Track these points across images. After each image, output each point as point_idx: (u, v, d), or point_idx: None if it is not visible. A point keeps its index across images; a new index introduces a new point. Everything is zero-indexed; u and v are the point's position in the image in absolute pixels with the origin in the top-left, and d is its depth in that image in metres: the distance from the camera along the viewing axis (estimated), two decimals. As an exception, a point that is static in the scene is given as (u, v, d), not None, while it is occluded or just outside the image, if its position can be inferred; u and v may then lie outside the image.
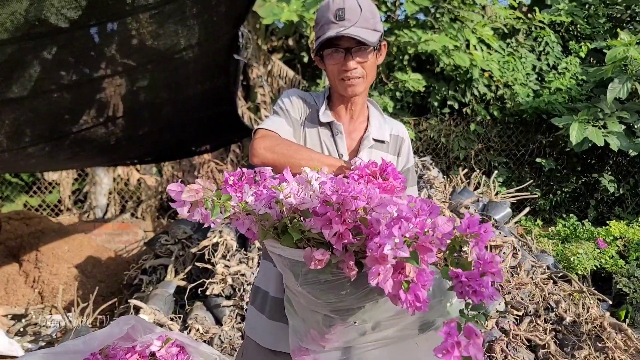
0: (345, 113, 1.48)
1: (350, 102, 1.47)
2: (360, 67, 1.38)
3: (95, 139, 3.71)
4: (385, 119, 1.54)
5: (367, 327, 1.03)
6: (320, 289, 0.96)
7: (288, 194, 0.92)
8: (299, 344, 1.11)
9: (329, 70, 1.42)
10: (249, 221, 0.96)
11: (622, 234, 5.08)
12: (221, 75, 3.76)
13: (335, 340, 1.05)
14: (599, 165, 6.66)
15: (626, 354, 3.21)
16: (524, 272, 3.60)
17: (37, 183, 6.53)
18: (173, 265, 3.97)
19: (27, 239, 5.36)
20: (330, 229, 0.86)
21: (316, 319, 1.04)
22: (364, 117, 1.51)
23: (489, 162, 6.80)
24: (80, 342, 0.95)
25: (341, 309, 0.99)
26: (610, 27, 7.36)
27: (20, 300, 4.81)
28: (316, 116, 1.46)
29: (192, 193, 0.92)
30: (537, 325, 3.27)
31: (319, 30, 1.38)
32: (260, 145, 1.28)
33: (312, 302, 1.01)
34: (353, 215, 0.87)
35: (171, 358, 1.05)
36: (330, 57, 1.38)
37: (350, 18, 1.32)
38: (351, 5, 1.33)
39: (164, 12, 2.66)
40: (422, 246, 0.82)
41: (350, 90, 1.41)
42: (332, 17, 1.33)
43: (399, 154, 1.53)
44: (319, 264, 0.88)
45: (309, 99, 1.50)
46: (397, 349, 1.07)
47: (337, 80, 1.41)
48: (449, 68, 6.43)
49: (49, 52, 2.56)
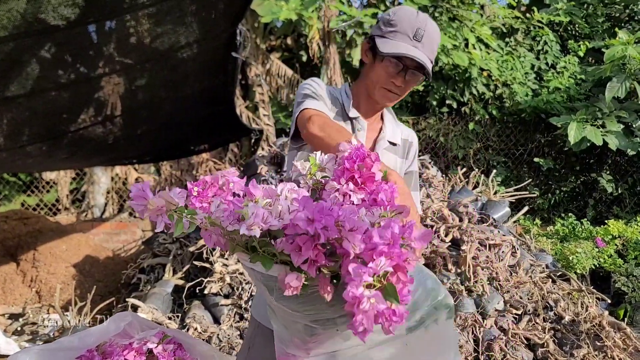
0: (366, 111, 1.51)
1: (376, 107, 1.50)
2: (405, 86, 1.41)
3: (93, 138, 3.70)
4: (397, 124, 1.58)
5: (351, 333, 1.00)
6: (297, 302, 0.93)
7: (251, 225, 0.82)
8: (284, 350, 1.09)
9: (377, 74, 1.41)
10: (217, 235, 0.89)
11: (621, 233, 5.08)
12: (219, 74, 3.75)
13: (320, 347, 1.02)
14: (597, 165, 6.66)
15: (625, 352, 3.21)
16: (523, 271, 3.60)
17: (34, 182, 6.52)
18: (171, 264, 3.96)
19: (25, 238, 5.34)
20: (300, 256, 0.80)
21: (297, 328, 1.00)
22: (379, 118, 1.55)
23: (488, 161, 6.80)
24: (75, 339, 0.94)
25: (322, 319, 0.96)
26: (608, 26, 7.37)
27: (17, 299, 4.80)
28: (342, 109, 1.48)
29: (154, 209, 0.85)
30: (536, 324, 3.27)
31: (389, 33, 1.37)
32: (315, 122, 1.29)
33: (290, 314, 0.98)
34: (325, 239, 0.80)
35: (168, 355, 1.05)
36: (388, 64, 1.38)
37: (425, 42, 1.35)
38: (430, 31, 1.36)
39: (162, 10, 2.66)
40: (399, 266, 0.77)
41: (386, 101, 1.44)
42: (410, 32, 1.35)
43: (406, 157, 1.56)
44: (294, 291, 0.82)
45: (332, 91, 1.52)
46: (385, 350, 1.05)
47: (379, 86, 1.42)
48: (448, 67, 6.43)
49: (46, 51, 2.55)
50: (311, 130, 1.28)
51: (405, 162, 1.56)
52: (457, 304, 3.18)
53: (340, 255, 0.81)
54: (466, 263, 3.36)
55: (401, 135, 1.56)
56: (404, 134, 1.57)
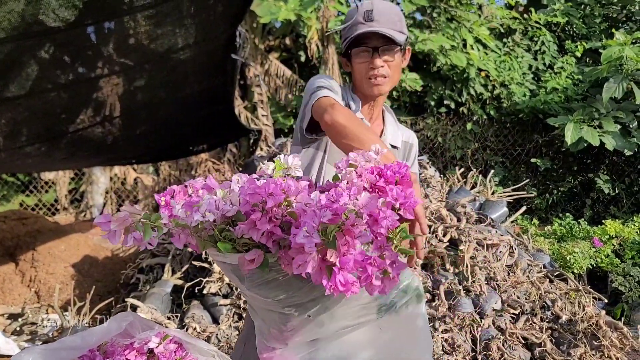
0: (367, 113, 1.52)
1: (373, 102, 1.50)
2: (387, 66, 1.42)
3: (92, 139, 3.70)
4: (398, 126, 1.59)
5: (323, 318, 1.03)
6: (268, 288, 0.97)
7: (204, 212, 0.89)
8: (264, 344, 1.12)
9: (356, 69, 1.45)
10: (185, 235, 0.94)
11: (618, 233, 5.10)
12: (218, 75, 3.76)
13: (296, 336, 1.05)
14: (594, 165, 6.68)
15: (622, 352, 3.23)
16: (521, 271, 3.61)
17: (33, 182, 6.52)
18: (170, 264, 3.97)
19: (24, 238, 5.35)
20: (257, 231, 0.86)
21: (273, 318, 1.05)
22: (380, 121, 1.56)
23: (486, 161, 6.82)
24: (78, 338, 0.96)
25: (293, 305, 1.00)
26: (606, 27, 7.40)
27: (16, 299, 4.80)
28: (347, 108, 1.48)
29: (120, 222, 0.90)
30: (533, 323, 3.28)
31: (347, 31, 1.42)
32: (339, 112, 1.26)
33: (263, 302, 1.02)
34: (280, 211, 0.87)
35: (169, 355, 1.06)
36: (358, 56, 1.42)
37: (378, 19, 1.37)
38: (379, 8, 1.39)
39: (161, 11, 2.67)
40: (348, 229, 0.82)
41: (376, 90, 1.44)
42: (360, 18, 1.38)
43: (407, 159, 1.58)
44: (251, 265, 0.87)
45: (341, 90, 1.53)
46: (362, 335, 1.07)
47: (364, 79, 1.44)
48: (446, 67, 6.45)
49: (46, 51, 2.56)
50: (336, 118, 1.24)
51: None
52: (455, 303, 3.20)
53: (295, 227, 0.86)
54: (464, 263, 3.37)
55: (402, 138, 1.57)
56: (405, 136, 1.58)
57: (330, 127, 1.26)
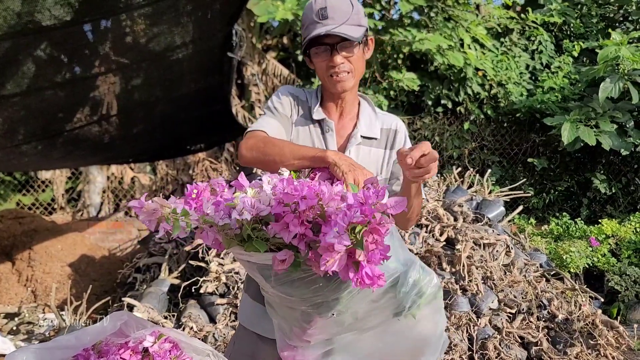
0: (336, 110, 1.51)
1: (340, 99, 1.49)
2: (347, 62, 1.41)
3: (89, 138, 3.69)
4: (377, 115, 1.55)
5: (345, 318, 1.05)
6: (294, 286, 0.98)
7: (241, 210, 0.92)
8: (285, 342, 1.12)
9: (318, 68, 1.45)
10: (213, 232, 0.96)
11: (614, 233, 5.12)
12: (215, 74, 3.76)
13: (318, 335, 1.07)
14: (591, 165, 6.70)
15: (618, 351, 3.24)
16: (517, 270, 3.62)
17: (30, 182, 6.50)
18: (167, 263, 3.97)
19: (20, 237, 5.34)
20: (289, 232, 0.88)
21: (295, 317, 1.06)
22: (354, 114, 1.53)
23: (483, 160, 6.83)
24: (72, 337, 0.95)
25: (317, 303, 1.01)
26: (602, 26, 7.41)
27: (13, 298, 4.79)
28: (309, 113, 1.50)
29: (149, 214, 0.92)
30: (529, 322, 3.29)
31: (304, 31, 1.42)
32: (243, 146, 1.36)
33: (287, 301, 1.03)
34: (311, 213, 0.89)
35: (164, 354, 1.06)
36: (317, 55, 1.42)
37: (332, 16, 1.36)
38: (333, 4, 1.37)
39: (157, 9, 2.66)
40: (374, 228, 0.86)
41: (340, 86, 1.44)
42: (315, 17, 1.38)
43: (392, 147, 1.53)
44: (282, 265, 0.90)
45: (302, 96, 1.53)
46: (377, 333, 1.10)
47: (326, 77, 1.44)
48: (443, 67, 6.45)
49: (42, 50, 2.56)
50: (240, 151, 1.36)
51: (392, 152, 1.53)
52: (452, 303, 3.20)
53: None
54: (461, 262, 3.38)
55: (381, 126, 1.53)
56: (386, 124, 1.54)
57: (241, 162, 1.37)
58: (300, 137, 1.48)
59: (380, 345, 1.11)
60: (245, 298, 1.52)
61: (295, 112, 1.50)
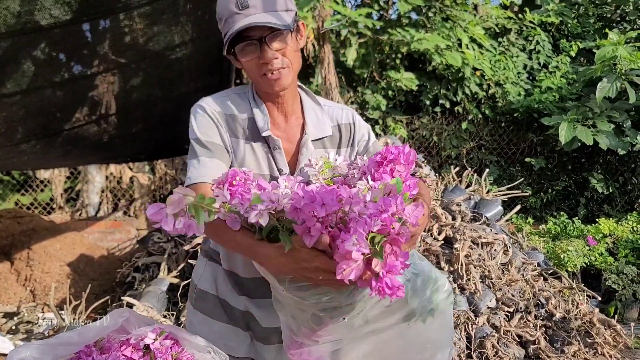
0: (278, 112, 1.31)
1: (279, 99, 1.29)
2: (281, 56, 1.20)
3: (87, 137, 3.70)
4: (322, 109, 1.35)
5: (356, 321, 1.04)
6: (307, 290, 0.97)
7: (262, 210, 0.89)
8: (293, 338, 1.12)
9: (247, 68, 1.23)
10: (237, 222, 0.94)
11: (612, 232, 5.14)
12: (214, 73, 3.76)
13: (327, 336, 1.07)
14: (588, 164, 6.72)
15: (615, 349, 3.26)
16: (515, 269, 3.64)
17: (29, 181, 6.50)
18: (166, 262, 3.98)
19: (19, 237, 5.33)
20: (311, 237, 0.86)
21: (305, 318, 1.05)
22: (299, 113, 1.33)
23: (481, 160, 6.84)
24: (75, 334, 0.96)
25: (330, 307, 0.99)
26: (600, 26, 7.43)
27: (12, 298, 4.79)
28: (250, 126, 1.28)
29: (175, 204, 0.87)
30: (527, 321, 3.31)
31: (224, 25, 1.20)
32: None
33: (298, 304, 1.02)
34: (333, 218, 0.87)
35: (165, 350, 1.06)
36: (244, 52, 1.20)
37: (254, 4, 1.16)
38: None
39: (156, 9, 2.67)
40: (394, 239, 0.84)
41: (277, 85, 1.23)
42: (234, 7, 1.16)
43: (351, 143, 1.35)
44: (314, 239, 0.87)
45: (226, 109, 1.28)
46: (386, 337, 1.10)
47: (259, 77, 1.23)
48: (441, 67, 6.47)
49: (41, 49, 2.56)
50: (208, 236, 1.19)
51: (352, 149, 1.35)
52: (450, 301, 3.21)
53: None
54: (459, 261, 3.39)
55: (335, 122, 1.34)
56: (340, 118, 1.35)
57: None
58: (246, 161, 1.26)
59: (388, 349, 1.11)
60: (200, 317, 1.38)
61: (226, 134, 1.26)
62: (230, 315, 1.37)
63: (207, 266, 1.42)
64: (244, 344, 1.37)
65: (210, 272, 1.40)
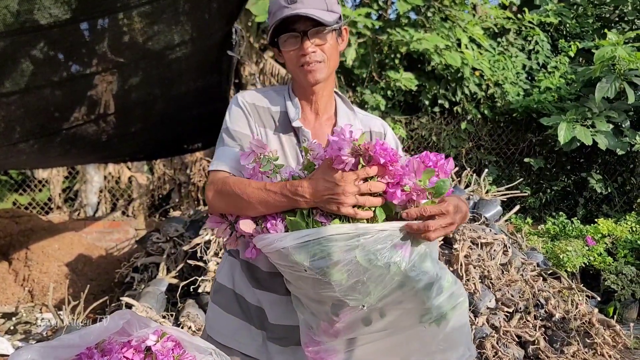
0: (310, 110, 1.36)
1: (313, 95, 1.34)
2: (320, 50, 1.27)
3: (86, 136, 3.69)
4: (356, 115, 1.41)
5: (373, 316, 1.07)
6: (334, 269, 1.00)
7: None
8: (311, 337, 1.14)
9: (287, 58, 1.30)
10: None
11: (611, 232, 5.14)
12: (213, 73, 3.75)
13: (344, 331, 1.09)
14: (587, 164, 6.73)
15: (614, 349, 3.26)
16: (514, 270, 3.64)
17: (26, 181, 6.48)
18: (165, 263, 3.97)
19: (17, 237, 5.32)
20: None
21: (325, 310, 1.08)
22: (331, 114, 1.38)
23: (480, 160, 6.84)
24: (76, 336, 0.96)
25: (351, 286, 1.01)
26: (598, 27, 7.44)
27: (10, 298, 4.77)
28: (276, 121, 1.34)
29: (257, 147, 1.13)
30: (527, 321, 3.31)
31: (272, 18, 1.28)
32: (209, 195, 1.22)
33: (320, 287, 1.03)
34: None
35: (166, 352, 1.06)
36: (286, 43, 1.27)
37: (302, 0, 1.23)
38: None
39: (156, 9, 2.66)
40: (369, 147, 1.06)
41: (311, 77, 1.28)
42: (283, 1, 1.24)
43: None
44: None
45: (261, 101, 1.35)
46: (401, 338, 1.12)
47: (296, 68, 1.29)
48: (440, 67, 6.47)
49: (39, 48, 2.55)
50: (207, 200, 1.24)
51: None
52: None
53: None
54: (458, 261, 3.39)
55: (363, 129, 1.37)
56: (372, 126, 1.40)
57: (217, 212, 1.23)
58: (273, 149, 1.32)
59: (404, 350, 1.13)
60: (216, 310, 1.41)
61: (255, 126, 1.32)
62: (245, 310, 1.38)
63: (226, 261, 1.45)
64: (255, 342, 1.36)
65: (229, 266, 1.43)
